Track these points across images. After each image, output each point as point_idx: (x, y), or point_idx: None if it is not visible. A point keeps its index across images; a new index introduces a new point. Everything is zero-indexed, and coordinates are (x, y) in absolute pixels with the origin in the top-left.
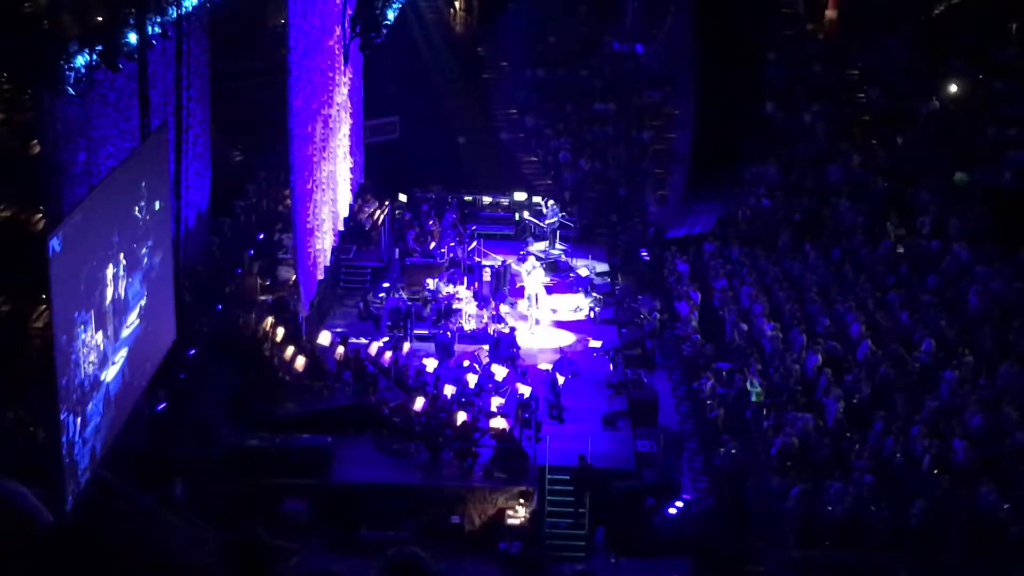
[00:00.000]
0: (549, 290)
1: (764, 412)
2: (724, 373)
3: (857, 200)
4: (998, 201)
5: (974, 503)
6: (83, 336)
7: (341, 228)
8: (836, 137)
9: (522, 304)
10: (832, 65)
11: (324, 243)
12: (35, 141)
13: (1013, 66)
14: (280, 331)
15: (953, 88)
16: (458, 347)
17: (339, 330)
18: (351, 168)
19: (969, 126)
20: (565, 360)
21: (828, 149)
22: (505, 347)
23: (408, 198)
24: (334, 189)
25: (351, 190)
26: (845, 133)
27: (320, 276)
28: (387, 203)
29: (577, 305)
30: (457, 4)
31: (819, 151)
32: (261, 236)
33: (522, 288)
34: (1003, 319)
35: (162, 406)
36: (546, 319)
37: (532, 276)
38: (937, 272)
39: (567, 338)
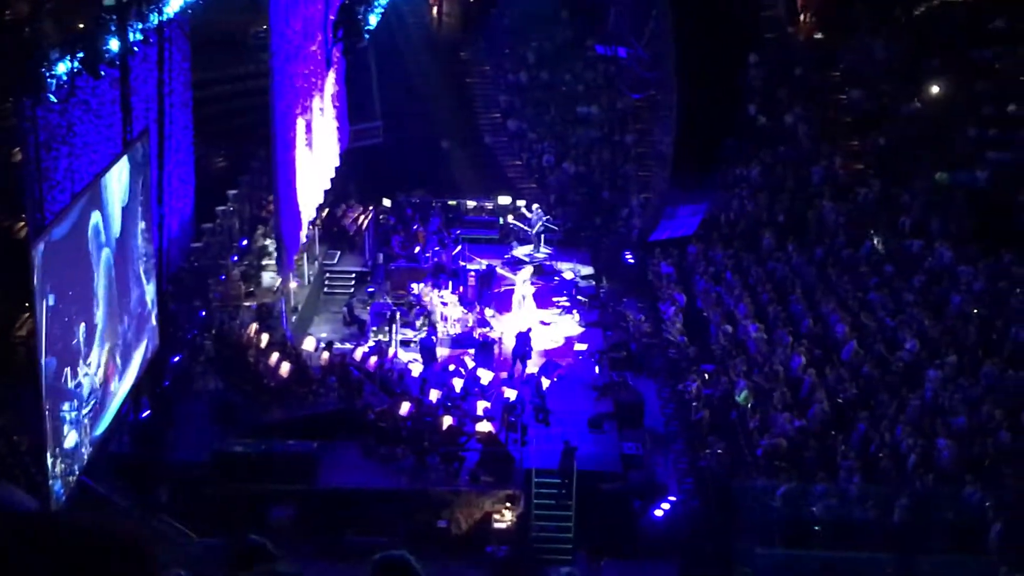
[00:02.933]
0: (539, 301)
1: (750, 413)
2: (709, 375)
3: (839, 201)
4: (979, 201)
5: (958, 502)
6: (67, 343)
7: (316, 230)
8: (818, 139)
9: (509, 315)
10: (814, 67)
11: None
12: (17, 149)
13: (994, 67)
14: (264, 337)
15: (934, 89)
16: (443, 351)
17: (324, 336)
18: (334, 172)
19: (950, 127)
20: (550, 363)
21: (811, 150)
22: (521, 346)
23: (392, 203)
24: (317, 192)
25: (331, 193)
26: (827, 135)
27: (302, 280)
28: (371, 208)
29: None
30: (439, 8)
31: (802, 153)
32: (244, 242)
33: (508, 292)
34: (986, 319)
35: (146, 413)
36: (533, 323)
37: (525, 287)
38: (920, 272)
39: (552, 340)
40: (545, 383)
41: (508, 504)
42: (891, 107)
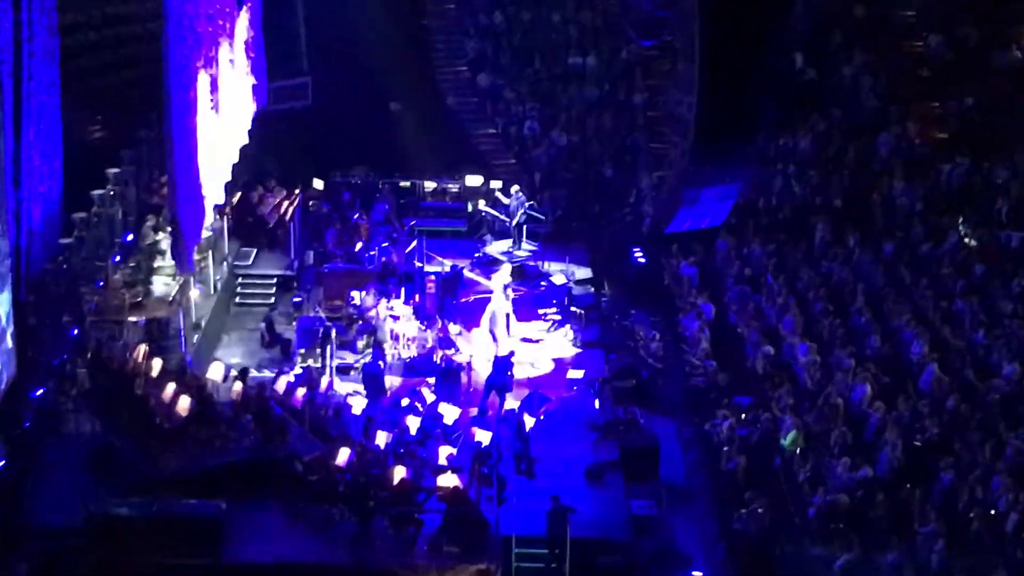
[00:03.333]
0: (520, 314)
1: (799, 461)
2: (745, 411)
3: (915, 181)
4: None
5: None
6: None
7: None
8: (886, 98)
9: (480, 331)
10: (880, 6)
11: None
12: None
13: None
14: (157, 363)
15: None
16: (394, 380)
17: (235, 361)
18: (248, 142)
19: None
20: (535, 396)
21: (876, 114)
22: (499, 373)
23: (325, 185)
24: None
25: (244, 172)
26: (898, 93)
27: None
28: (297, 192)
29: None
30: None
31: (865, 117)
32: (130, 236)
33: (480, 302)
34: None
35: (0, 463)
36: (512, 343)
37: (502, 296)
38: (1021, 274)
39: (538, 366)
40: (529, 422)
41: None
42: (980, 57)
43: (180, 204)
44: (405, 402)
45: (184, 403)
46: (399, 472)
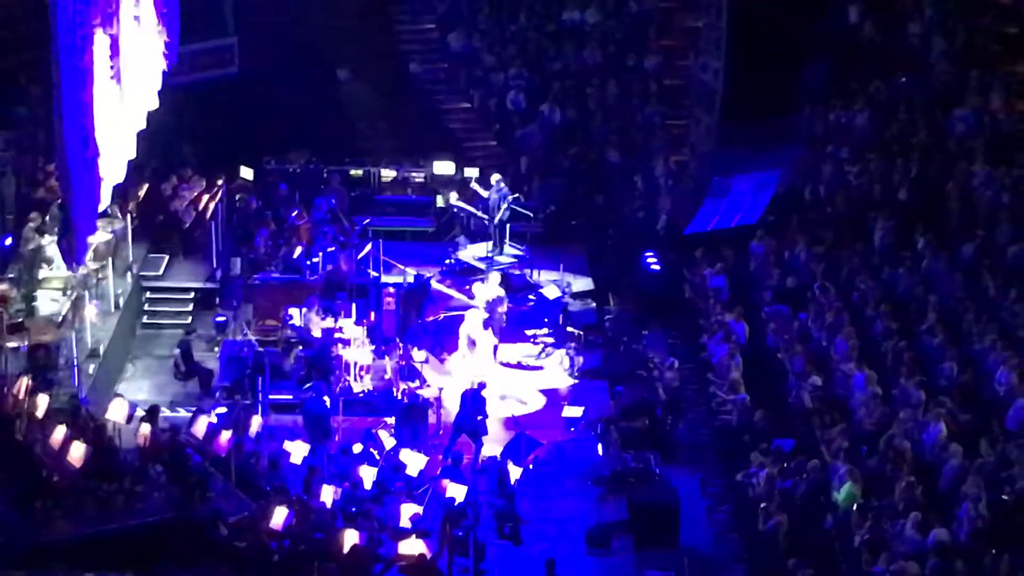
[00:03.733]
0: (503, 336)
1: (856, 520)
2: (787, 457)
3: (999, 166)
4: None
5: None
6: None
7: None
8: (963, 62)
9: (455, 357)
10: None
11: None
12: None
13: None
14: (42, 400)
15: None
16: (343, 422)
17: (142, 398)
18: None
19: None
20: (522, 440)
21: (951, 82)
22: (469, 414)
23: (256, 174)
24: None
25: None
26: (978, 56)
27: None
28: (220, 183)
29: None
30: None
31: (936, 86)
32: (8, 240)
33: (452, 321)
34: None
35: None
36: (492, 373)
37: (479, 313)
38: None
39: (526, 401)
40: (514, 473)
41: None
42: None
43: (74, 200)
44: (357, 448)
45: (78, 451)
46: (350, 537)
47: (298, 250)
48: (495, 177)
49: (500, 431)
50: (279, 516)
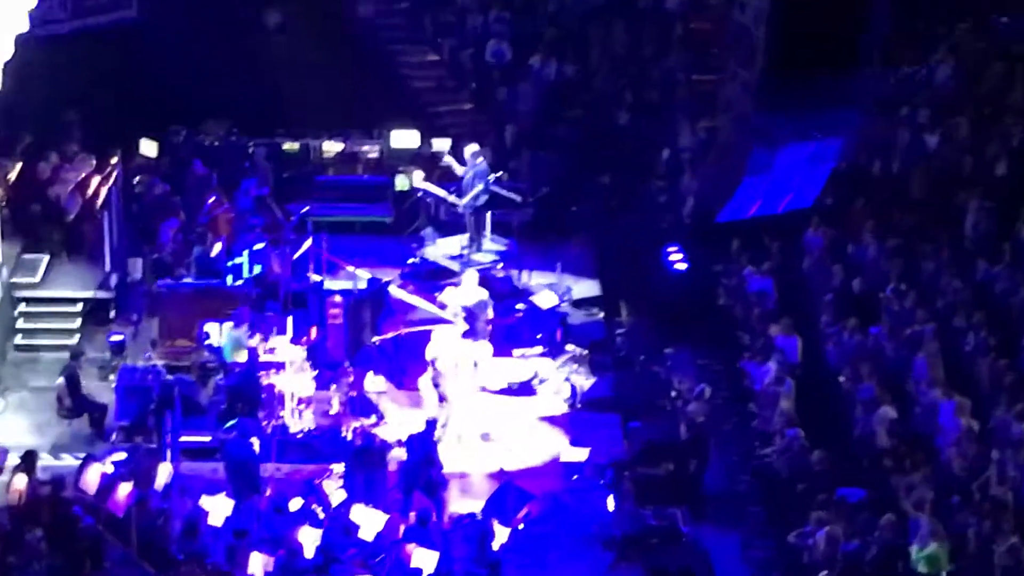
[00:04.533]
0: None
1: None
2: (853, 510)
3: None
4: None
5: None
6: None
7: None
8: None
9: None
10: None
11: None
12: None
13: None
14: None
15: None
16: (276, 470)
17: (17, 441)
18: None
19: None
20: (509, 492)
21: None
22: (415, 464)
23: (161, 150)
24: None
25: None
26: None
27: None
28: (115, 162)
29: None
30: None
31: None
32: None
33: (417, 339)
34: None
35: None
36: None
37: (453, 329)
38: None
39: (513, 442)
40: (499, 534)
41: None
42: None
43: None
44: (296, 504)
45: None
46: None
47: (216, 248)
48: (471, 150)
49: (481, 481)
50: None
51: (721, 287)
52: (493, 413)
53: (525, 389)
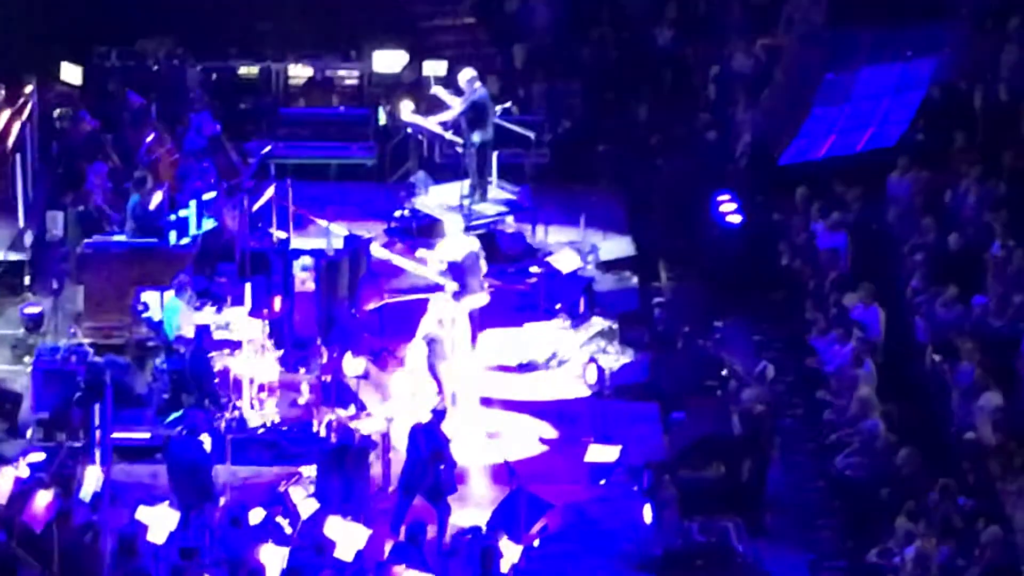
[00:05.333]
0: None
1: None
2: (951, 522)
3: None
4: None
5: None
6: None
7: None
8: None
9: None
10: None
11: None
12: None
13: None
14: None
15: None
16: (234, 474)
17: None
18: None
19: None
20: (521, 500)
21: None
22: (422, 462)
23: (87, 76)
24: None
25: None
26: None
27: None
28: (29, 91)
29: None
30: None
31: None
32: None
33: (407, 308)
34: None
35: None
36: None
37: (448, 298)
38: None
39: (529, 435)
40: (509, 553)
41: None
42: None
43: None
44: (257, 517)
45: None
46: None
47: (156, 198)
48: (466, 75)
49: (486, 486)
50: None
51: (784, 245)
52: (500, 402)
53: (541, 371)
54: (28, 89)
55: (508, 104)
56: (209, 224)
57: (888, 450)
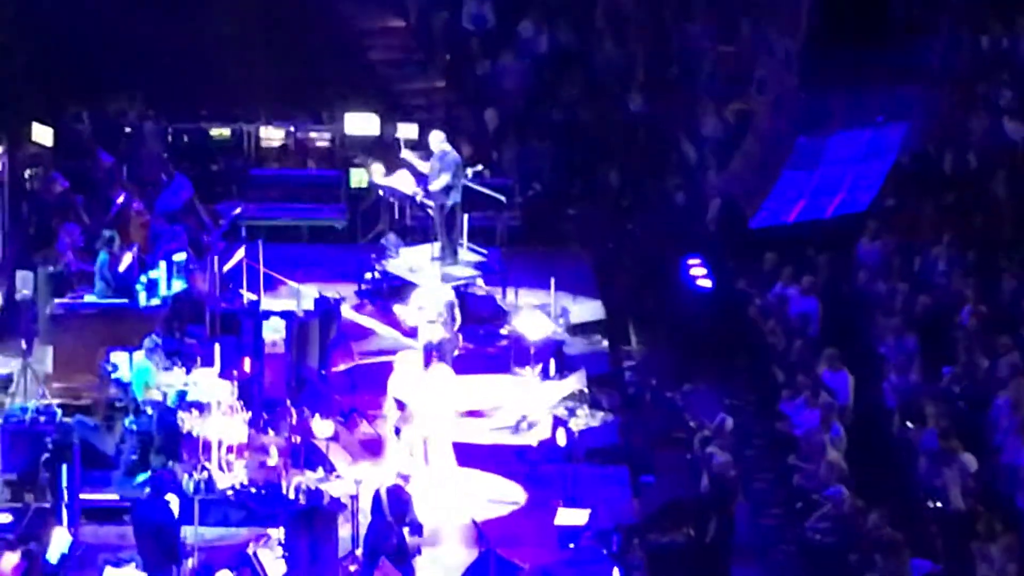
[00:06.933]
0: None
1: None
2: None
3: None
4: None
5: None
6: None
7: None
8: None
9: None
10: None
11: None
12: None
13: None
14: None
15: None
16: (201, 535)
17: None
18: None
19: None
20: (492, 562)
21: None
22: (386, 525)
23: (58, 136)
24: None
25: None
26: None
27: None
28: None
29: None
30: None
31: None
32: None
33: (376, 371)
34: None
35: None
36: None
37: (418, 356)
38: None
39: (499, 497)
40: None
41: None
42: None
43: None
44: None
45: None
46: None
47: (127, 259)
48: (437, 138)
49: (455, 549)
50: None
51: (754, 309)
52: (471, 459)
53: (509, 434)
54: None
55: (479, 167)
56: (179, 285)
57: (857, 514)
